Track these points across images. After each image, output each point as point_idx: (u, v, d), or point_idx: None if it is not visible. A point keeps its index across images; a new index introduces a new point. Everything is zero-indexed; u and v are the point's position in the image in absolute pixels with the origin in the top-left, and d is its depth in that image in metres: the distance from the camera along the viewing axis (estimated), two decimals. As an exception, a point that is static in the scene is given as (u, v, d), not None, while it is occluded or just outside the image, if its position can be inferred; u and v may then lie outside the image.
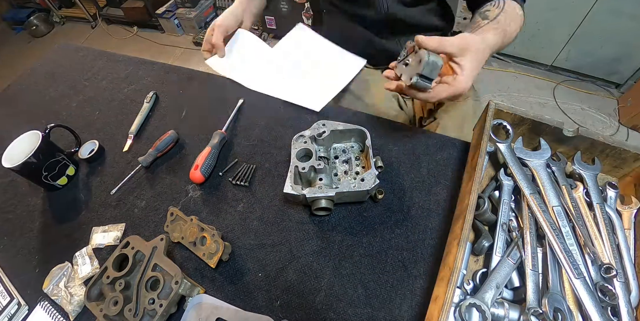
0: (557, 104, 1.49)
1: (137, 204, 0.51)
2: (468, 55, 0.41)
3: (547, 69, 1.60)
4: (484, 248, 0.36)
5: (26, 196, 0.57)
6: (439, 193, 0.44)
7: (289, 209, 0.46)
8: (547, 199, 0.38)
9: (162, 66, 0.72)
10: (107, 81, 0.72)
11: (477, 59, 0.42)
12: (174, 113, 0.63)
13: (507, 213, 0.38)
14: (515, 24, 0.49)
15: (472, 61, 0.41)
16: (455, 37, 0.42)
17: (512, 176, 0.41)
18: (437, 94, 0.41)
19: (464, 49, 0.41)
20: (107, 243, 0.48)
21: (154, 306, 0.37)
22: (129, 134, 0.60)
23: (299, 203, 0.45)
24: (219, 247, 0.41)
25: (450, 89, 0.41)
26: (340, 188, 0.40)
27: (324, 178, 0.43)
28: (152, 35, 2.17)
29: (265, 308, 0.38)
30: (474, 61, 0.41)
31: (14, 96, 0.75)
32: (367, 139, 0.45)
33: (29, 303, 0.45)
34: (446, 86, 0.41)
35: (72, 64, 0.79)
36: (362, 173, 0.45)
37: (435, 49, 0.39)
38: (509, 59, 1.65)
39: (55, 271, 0.47)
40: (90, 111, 0.67)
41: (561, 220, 0.36)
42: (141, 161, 0.53)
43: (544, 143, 0.44)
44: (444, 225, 0.41)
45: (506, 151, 0.43)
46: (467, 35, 0.43)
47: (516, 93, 1.55)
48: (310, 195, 0.40)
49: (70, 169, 0.57)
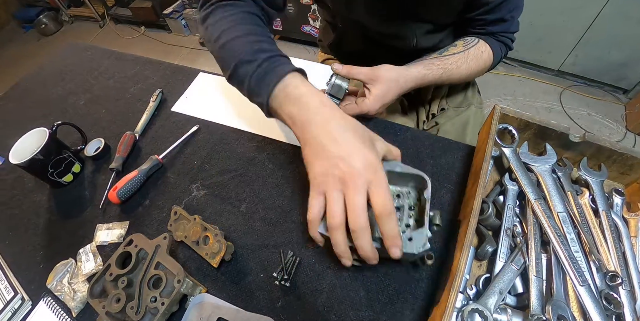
0: (564, 109, 1.48)
1: (141, 202, 0.51)
2: (377, 84, 0.48)
3: (554, 73, 1.59)
4: (488, 253, 0.36)
5: (32, 192, 0.57)
6: (443, 197, 0.44)
7: (292, 210, 0.46)
8: (552, 205, 0.38)
9: (169, 65, 0.73)
10: (114, 80, 0.73)
11: (389, 88, 0.48)
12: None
13: (511, 218, 0.38)
14: (473, 65, 0.55)
15: (381, 89, 0.48)
16: (367, 67, 0.48)
17: (517, 181, 0.41)
18: (346, 111, 0.45)
19: (372, 79, 0.48)
20: (111, 240, 0.48)
21: (156, 305, 0.37)
22: (135, 133, 0.60)
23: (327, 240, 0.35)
24: (222, 247, 0.41)
25: (356, 108, 0.49)
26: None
27: None
28: (159, 35, 2.19)
29: (266, 309, 0.38)
30: (383, 89, 0.48)
31: (23, 93, 0.76)
32: (426, 189, 0.37)
33: (33, 299, 0.46)
34: (354, 105, 0.49)
35: (80, 62, 0.80)
36: (414, 227, 0.38)
37: (344, 75, 0.48)
38: (515, 63, 1.64)
39: (59, 268, 0.47)
40: (97, 109, 0.67)
41: (566, 226, 0.36)
42: (115, 167, 0.54)
43: (550, 148, 0.44)
44: (447, 229, 0.41)
45: (511, 156, 0.43)
46: (381, 67, 0.49)
47: (522, 98, 1.55)
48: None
49: (76, 167, 0.57)
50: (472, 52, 0.54)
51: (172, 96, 0.66)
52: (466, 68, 0.54)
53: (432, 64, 0.52)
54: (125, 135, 0.58)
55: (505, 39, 0.57)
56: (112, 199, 0.50)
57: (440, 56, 0.54)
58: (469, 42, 0.55)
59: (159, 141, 0.59)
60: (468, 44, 0.55)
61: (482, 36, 0.56)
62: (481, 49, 0.55)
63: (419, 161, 0.48)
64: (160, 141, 0.59)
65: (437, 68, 0.52)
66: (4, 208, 0.57)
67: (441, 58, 0.53)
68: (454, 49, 0.54)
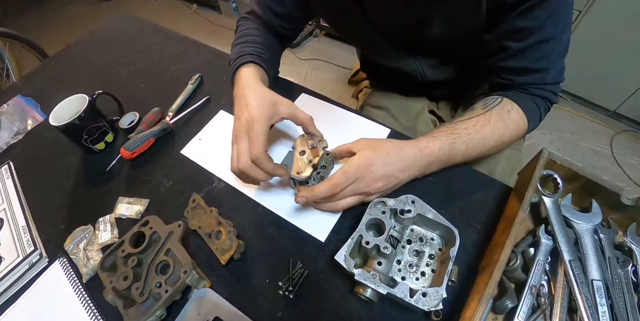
0: (613, 154, 1.37)
1: (164, 183, 0.52)
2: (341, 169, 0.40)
3: (609, 114, 1.48)
4: (507, 309, 0.34)
5: (66, 153, 0.60)
6: (469, 236, 0.42)
7: (308, 219, 0.45)
8: (588, 269, 0.35)
9: (212, 50, 0.73)
10: (158, 56, 0.74)
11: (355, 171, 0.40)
12: (214, 99, 0.63)
13: (539, 275, 0.35)
14: (501, 127, 0.44)
15: (336, 176, 0.40)
16: (349, 145, 0.44)
17: (553, 236, 0.38)
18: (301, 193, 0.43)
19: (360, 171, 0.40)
20: (129, 215, 0.49)
21: (160, 291, 0.38)
22: (169, 112, 0.61)
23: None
24: (233, 245, 0.41)
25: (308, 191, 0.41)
26: (394, 291, 0.34)
27: (384, 263, 0.37)
28: (209, 15, 2.22)
29: (266, 317, 0.38)
30: (337, 176, 0.40)
31: (72, 56, 0.79)
32: (454, 247, 0.36)
33: (50, 256, 0.48)
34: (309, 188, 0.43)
35: (129, 34, 0.82)
36: (429, 277, 0.38)
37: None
38: (568, 97, 1.54)
39: (78, 232, 0.49)
40: (137, 83, 0.69)
41: (600, 297, 0.33)
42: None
43: (596, 206, 0.40)
44: (467, 273, 0.39)
45: (551, 207, 0.40)
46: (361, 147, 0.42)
47: (569, 135, 1.45)
48: (359, 278, 0.35)
49: (109, 136, 0.59)
50: (494, 113, 0.44)
51: (211, 80, 0.66)
52: (491, 131, 0.43)
53: (438, 132, 0.44)
54: (153, 113, 0.60)
55: (543, 92, 0.46)
56: (123, 153, 0.53)
57: (450, 123, 0.45)
58: (490, 103, 0.45)
59: (190, 123, 0.60)
60: (488, 104, 0.45)
61: (507, 92, 0.47)
62: (507, 109, 0.45)
63: (450, 193, 0.46)
64: (191, 124, 0.60)
65: (444, 135, 0.43)
66: (39, 164, 0.59)
67: (448, 125, 0.44)
68: (471, 114, 0.45)
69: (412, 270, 0.39)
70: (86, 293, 0.43)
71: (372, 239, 0.37)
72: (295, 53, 1.87)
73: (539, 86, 0.46)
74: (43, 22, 2.35)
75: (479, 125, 0.43)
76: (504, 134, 0.44)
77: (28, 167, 0.59)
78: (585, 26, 1.24)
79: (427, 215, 0.39)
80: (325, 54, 1.84)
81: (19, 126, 0.65)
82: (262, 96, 0.42)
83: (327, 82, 1.73)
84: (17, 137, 0.64)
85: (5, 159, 0.60)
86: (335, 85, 1.71)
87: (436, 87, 0.66)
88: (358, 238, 0.38)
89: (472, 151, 0.44)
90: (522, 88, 0.46)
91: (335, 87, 1.70)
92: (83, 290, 0.43)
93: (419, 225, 0.42)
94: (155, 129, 0.57)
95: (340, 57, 1.80)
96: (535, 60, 0.43)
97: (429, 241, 0.41)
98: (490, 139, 0.44)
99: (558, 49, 0.43)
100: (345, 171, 0.39)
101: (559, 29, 0.41)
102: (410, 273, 0.39)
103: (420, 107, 0.69)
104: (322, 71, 1.78)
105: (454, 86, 0.66)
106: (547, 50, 0.42)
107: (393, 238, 0.39)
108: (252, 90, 0.44)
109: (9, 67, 1.51)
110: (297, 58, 1.85)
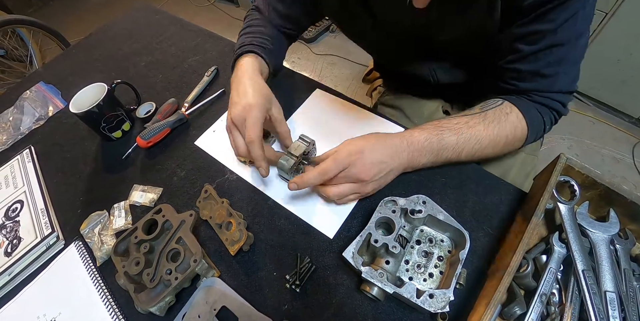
0: (635, 163, 1.32)
1: (177, 173, 0.53)
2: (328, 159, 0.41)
3: (632, 121, 1.42)
4: (515, 315, 0.33)
5: (84, 140, 0.61)
6: (479, 239, 0.41)
7: (318, 215, 0.46)
8: (601, 280, 0.34)
9: (229, 43, 0.73)
10: (176, 48, 0.75)
11: (342, 158, 0.40)
12: (229, 91, 0.63)
13: (550, 283, 0.35)
14: (495, 127, 0.43)
15: (327, 163, 0.40)
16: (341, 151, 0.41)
17: (567, 244, 0.37)
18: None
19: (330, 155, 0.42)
20: (143, 202, 0.50)
21: (170, 278, 0.39)
22: (185, 103, 0.62)
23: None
24: (242, 236, 0.41)
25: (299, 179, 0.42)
26: (401, 291, 0.34)
27: (392, 262, 0.36)
28: (227, 8, 2.23)
29: (271, 308, 0.38)
30: (327, 163, 0.40)
31: (93, 44, 0.81)
32: (463, 250, 0.36)
33: (66, 239, 0.50)
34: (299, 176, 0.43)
35: (148, 24, 0.83)
36: (437, 278, 0.38)
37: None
38: (590, 102, 1.49)
39: (94, 217, 0.50)
40: (155, 74, 0.70)
41: (612, 309, 0.32)
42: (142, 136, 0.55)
43: (614, 215, 0.39)
44: (476, 276, 0.38)
45: (567, 214, 0.39)
46: (345, 142, 0.42)
47: (589, 141, 1.40)
48: (366, 276, 0.35)
49: (126, 125, 0.60)
50: (491, 113, 0.43)
51: (227, 73, 0.67)
52: (485, 129, 0.42)
53: (427, 125, 0.44)
54: (169, 103, 0.61)
55: (548, 100, 0.44)
56: (139, 142, 0.54)
57: (443, 118, 0.45)
58: (489, 104, 0.45)
59: (205, 114, 0.61)
60: (487, 105, 0.45)
61: (511, 96, 0.45)
62: (505, 111, 0.43)
63: (462, 195, 0.45)
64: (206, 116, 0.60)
65: (433, 127, 0.43)
66: (59, 150, 0.61)
67: (440, 119, 0.45)
68: (467, 112, 0.45)
69: (420, 270, 0.39)
70: (99, 276, 0.45)
71: (381, 238, 0.37)
72: (311, 48, 1.86)
73: (545, 94, 0.44)
74: (66, 12, 2.41)
75: (472, 122, 0.43)
76: (498, 134, 0.43)
77: (48, 152, 0.61)
78: (611, 29, 1.19)
79: (437, 216, 0.39)
80: (341, 50, 1.82)
81: (40, 112, 0.67)
82: (261, 88, 0.46)
83: (342, 78, 1.72)
84: (38, 123, 0.66)
85: (27, 144, 0.63)
86: (351, 81, 1.70)
87: (450, 89, 0.65)
88: (367, 236, 0.38)
89: (465, 145, 0.43)
90: (526, 95, 0.45)
91: (351, 84, 1.69)
92: (97, 272, 0.45)
93: (429, 226, 0.41)
94: (171, 119, 0.57)
95: (356, 54, 1.78)
96: (546, 64, 0.41)
97: (438, 243, 0.40)
98: (484, 137, 0.43)
99: (572, 55, 0.41)
100: (335, 158, 0.40)
101: (574, 35, 0.39)
102: (418, 274, 0.38)
103: (434, 108, 0.68)
104: (338, 67, 1.77)
105: (467, 88, 0.64)
106: (560, 55, 0.40)
107: (402, 237, 0.39)
108: (250, 79, 0.46)
109: (33, 55, 1.56)
110: (312, 53, 1.84)
